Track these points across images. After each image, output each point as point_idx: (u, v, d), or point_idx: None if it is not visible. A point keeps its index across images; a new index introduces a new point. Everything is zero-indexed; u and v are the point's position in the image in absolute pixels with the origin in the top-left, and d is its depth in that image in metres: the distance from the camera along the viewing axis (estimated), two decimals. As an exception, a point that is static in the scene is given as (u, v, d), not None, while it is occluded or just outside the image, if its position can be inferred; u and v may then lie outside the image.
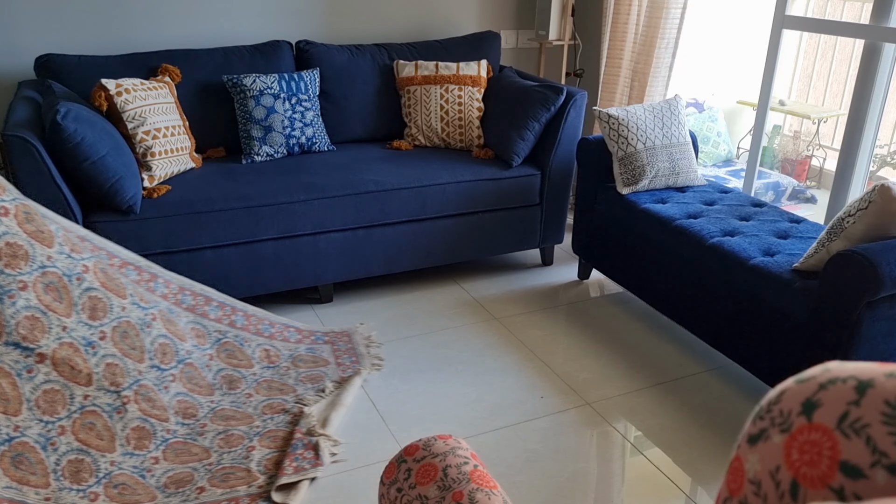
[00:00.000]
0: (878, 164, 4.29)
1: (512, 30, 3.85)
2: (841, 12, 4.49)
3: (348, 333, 2.67)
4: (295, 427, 2.11)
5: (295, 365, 2.44)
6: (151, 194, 2.53)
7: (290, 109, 2.96)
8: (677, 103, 2.89)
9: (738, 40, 4.51)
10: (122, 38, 3.07)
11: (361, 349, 2.57)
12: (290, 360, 2.46)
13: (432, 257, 3.01)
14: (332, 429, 2.13)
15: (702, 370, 2.52)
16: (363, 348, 2.58)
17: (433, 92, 3.21)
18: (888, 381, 0.55)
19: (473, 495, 1.00)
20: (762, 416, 0.62)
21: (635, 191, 2.79)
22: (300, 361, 2.47)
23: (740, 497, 0.62)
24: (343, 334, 2.67)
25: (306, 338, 2.61)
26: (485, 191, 2.97)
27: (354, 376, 2.39)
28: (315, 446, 2.03)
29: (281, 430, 2.11)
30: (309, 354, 2.51)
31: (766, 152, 4.53)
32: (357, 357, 2.52)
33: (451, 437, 1.15)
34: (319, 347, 2.56)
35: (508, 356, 2.59)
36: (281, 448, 2.03)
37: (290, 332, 2.59)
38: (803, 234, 2.41)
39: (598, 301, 3.02)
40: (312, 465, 1.96)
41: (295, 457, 1.98)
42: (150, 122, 2.64)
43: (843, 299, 1.92)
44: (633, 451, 2.12)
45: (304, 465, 1.95)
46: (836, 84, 4.65)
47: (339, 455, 2.06)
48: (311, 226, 2.71)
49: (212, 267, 2.62)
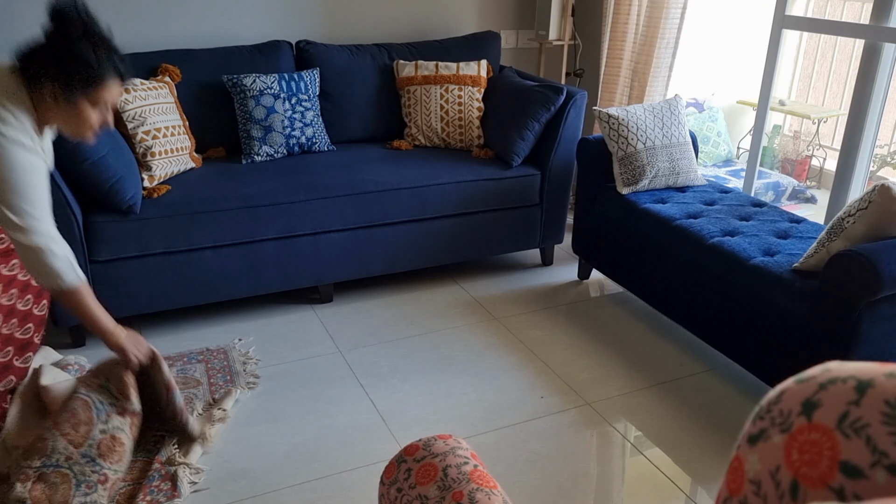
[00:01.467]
0: (878, 164, 4.29)
1: (512, 30, 3.85)
2: (841, 12, 4.49)
3: (224, 350, 2.56)
4: (155, 456, 1.99)
5: None
6: (151, 194, 2.53)
7: (290, 109, 2.96)
8: (677, 103, 2.89)
9: (739, 40, 4.50)
10: (121, 37, 3.06)
11: (237, 367, 2.46)
12: None
13: (432, 257, 3.01)
14: (195, 456, 2.01)
15: (702, 370, 2.52)
16: (239, 366, 2.47)
17: (433, 92, 3.21)
18: (888, 381, 0.54)
19: (473, 495, 1.00)
20: (762, 416, 0.62)
21: (635, 191, 2.79)
22: None
23: (740, 497, 0.62)
24: (219, 351, 2.55)
25: (178, 360, 2.49)
26: (485, 191, 2.97)
27: (226, 397, 2.28)
28: (173, 476, 1.92)
29: (139, 461, 1.98)
30: (180, 376, 2.41)
31: (767, 152, 4.53)
32: (231, 376, 2.41)
33: (451, 437, 1.15)
34: (192, 367, 2.45)
35: (508, 356, 2.59)
36: (137, 480, 1.92)
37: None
38: (803, 234, 2.41)
39: (599, 301, 3.02)
40: (168, 499, 1.85)
41: (150, 489, 1.88)
42: (150, 122, 2.64)
43: (843, 299, 1.92)
44: (633, 450, 2.12)
45: (160, 499, 1.85)
46: (836, 84, 4.65)
47: (200, 484, 1.94)
48: (311, 226, 2.71)
49: (212, 267, 2.62)
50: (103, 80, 1.66)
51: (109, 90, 1.68)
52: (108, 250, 2.44)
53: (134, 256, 2.50)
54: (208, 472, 1.99)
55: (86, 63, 1.62)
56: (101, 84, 1.66)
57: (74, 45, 1.61)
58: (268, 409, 2.27)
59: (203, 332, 2.70)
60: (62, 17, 1.61)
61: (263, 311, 2.86)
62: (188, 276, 2.59)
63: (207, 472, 1.99)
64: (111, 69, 1.66)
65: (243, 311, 2.86)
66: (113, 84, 1.69)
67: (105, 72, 1.65)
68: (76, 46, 1.61)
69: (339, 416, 2.24)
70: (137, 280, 2.52)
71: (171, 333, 2.69)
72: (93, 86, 1.65)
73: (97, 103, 1.68)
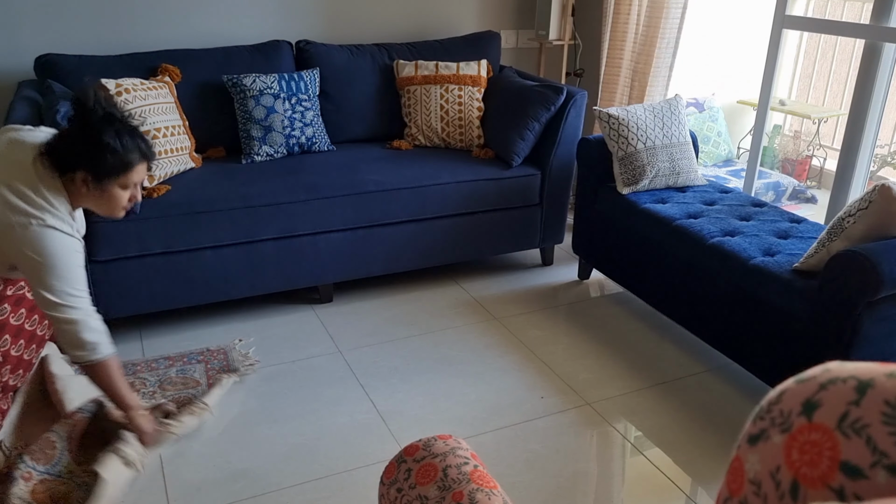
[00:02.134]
0: (878, 164, 4.29)
1: (512, 29, 3.85)
2: (841, 12, 4.49)
3: (225, 351, 2.56)
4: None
5: (162, 388, 2.33)
6: (151, 194, 2.53)
7: (289, 109, 2.96)
8: (678, 103, 2.89)
9: (739, 40, 4.50)
10: (122, 37, 3.06)
11: (237, 365, 2.48)
12: (156, 385, 2.35)
13: (432, 257, 3.01)
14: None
15: (702, 370, 2.52)
16: (239, 364, 2.48)
17: (433, 92, 3.21)
18: (888, 381, 0.54)
19: (473, 495, 1.00)
20: (762, 417, 0.62)
21: (635, 191, 2.79)
22: (168, 384, 2.35)
23: (741, 497, 0.61)
24: (219, 352, 2.55)
25: (177, 361, 2.50)
26: (485, 191, 2.97)
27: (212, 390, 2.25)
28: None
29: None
30: (179, 376, 2.41)
31: (767, 152, 4.53)
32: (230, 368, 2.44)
33: (451, 438, 1.15)
34: (192, 368, 2.45)
35: (508, 356, 2.58)
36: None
37: (160, 362, 2.49)
38: (804, 234, 2.41)
39: (599, 301, 3.02)
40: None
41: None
42: (150, 122, 2.63)
43: (843, 299, 1.92)
44: (633, 451, 2.12)
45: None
46: (837, 84, 4.65)
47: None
48: (311, 226, 2.71)
49: (212, 267, 2.62)
50: (132, 165, 1.75)
51: (137, 172, 1.78)
52: (107, 250, 2.43)
53: (134, 256, 2.50)
54: (208, 472, 1.99)
55: (113, 151, 1.70)
56: (130, 168, 1.75)
57: (100, 135, 1.69)
58: (268, 409, 2.27)
59: (203, 332, 2.70)
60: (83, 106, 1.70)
61: (263, 312, 2.86)
62: (188, 276, 2.59)
63: (208, 472, 1.99)
64: (137, 152, 1.76)
65: (243, 311, 2.86)
66: (140, 166, 1.78)
67: (132, 156, 1.75)
68: (102, 136, 1.69)
69: (339, 417, 2.24)
70: (137, 280, 2.52)
71: (171, 333, 2.69)
72: (123, 171, 1.74)
73: (127, 186, 1.78)
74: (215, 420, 2.20)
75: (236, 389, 2.36)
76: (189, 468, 2.01)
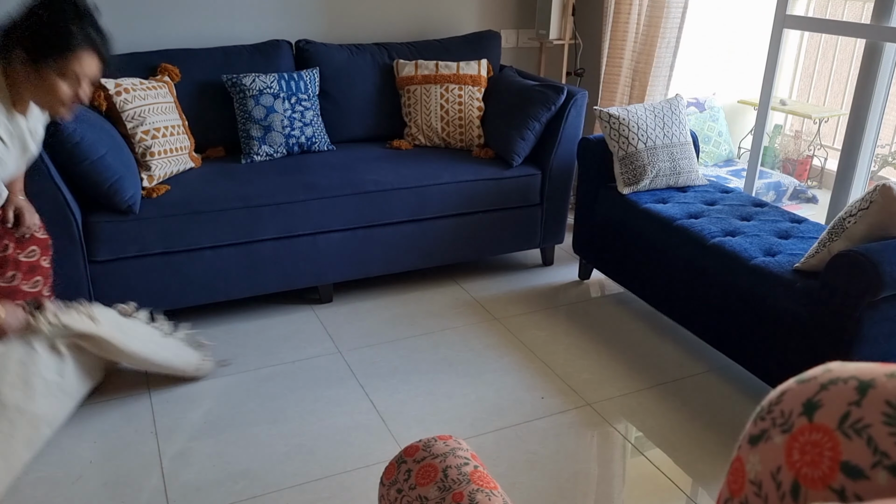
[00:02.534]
0: (879, 164, 4.28)
1: (512, 29, 3.84)
2: (842, 12, 4.49)
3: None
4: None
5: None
6: (151, 194, 2.53)
7: (289, 109, 2.95)
8: (678, 103, 2.88)
9: (740, 40, 4.50)
10: (121, 37, 3.06)
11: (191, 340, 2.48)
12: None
13: (432, 257, 3.01)
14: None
15: (703, 370, 2.52)
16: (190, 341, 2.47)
17: (433, 91, 3.20)
18: (889, 381, 0.54)
19: (474, 496, 0.99)
20: (763, 417, 0.62)
21: (636, 191, 2.79)
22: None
23: (741, 498, 0.61)
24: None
25: None
26: (485, 191, 2.97)
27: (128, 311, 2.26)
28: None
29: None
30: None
31: (768, 152, 4.53)
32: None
33: (451, 438, 1.14)
34: None
35: (509, 356, 2.58)
36: None
37: None
38: (804, 234, 2.41)
39: (599, 301, 3.01)
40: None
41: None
42: (150, 122, 2.63)
43: (844, 299, 1.91)
44: (633, 451, 2.11)
45: None
46: (838, 84, 4.64)
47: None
48: (310, 226, 2.71)
49: (211, 267, 2.61)
50: (73, 50, 1.60)
51: (80, 62, 1.63)
52: (107, 250, 2.43)
53: (133, 256, 2.49)
54: (208, 472, 1.99)
55: (55, 30, 1.57)
56: (71, 54, 1.61)
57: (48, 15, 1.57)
58: (268, 409, 2.27)
59: (203, 332, 2.70)
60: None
61: (263, 312, 2.86)
62: (187, 276, 2.59)
63: (208, 472, 1.99)
64: (81, 37, 1.61)
65: (243, 311, 2.86)
66: (85, 56, 1.63)
67: (73, 40, 1.60)
68: (50, 16, 1.57)
69: (338, 417, 2.24)
70: (137, 280, 2.52)
71: (171, 333, 2.69)
72: (61, 55, 1.60)
73: (67, 75, 1.63)
74: (215, 420, 2.20)
75: (236, 389, 2.36)
76: (189, 468, 2.00)
